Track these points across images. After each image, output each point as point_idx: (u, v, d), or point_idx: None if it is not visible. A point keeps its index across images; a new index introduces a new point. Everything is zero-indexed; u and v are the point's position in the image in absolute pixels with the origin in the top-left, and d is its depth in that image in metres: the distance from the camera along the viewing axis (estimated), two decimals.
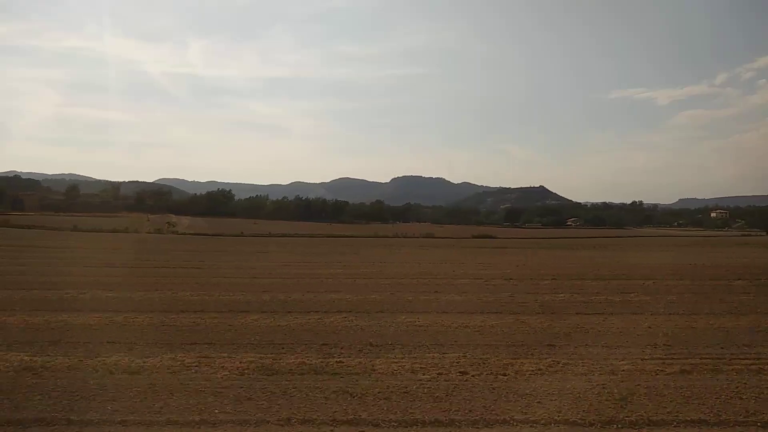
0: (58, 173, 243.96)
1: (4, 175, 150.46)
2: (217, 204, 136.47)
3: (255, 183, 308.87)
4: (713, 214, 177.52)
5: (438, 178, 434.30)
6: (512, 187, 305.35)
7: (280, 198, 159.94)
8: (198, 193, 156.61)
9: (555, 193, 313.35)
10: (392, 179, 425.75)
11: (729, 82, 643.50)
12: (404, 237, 76.10)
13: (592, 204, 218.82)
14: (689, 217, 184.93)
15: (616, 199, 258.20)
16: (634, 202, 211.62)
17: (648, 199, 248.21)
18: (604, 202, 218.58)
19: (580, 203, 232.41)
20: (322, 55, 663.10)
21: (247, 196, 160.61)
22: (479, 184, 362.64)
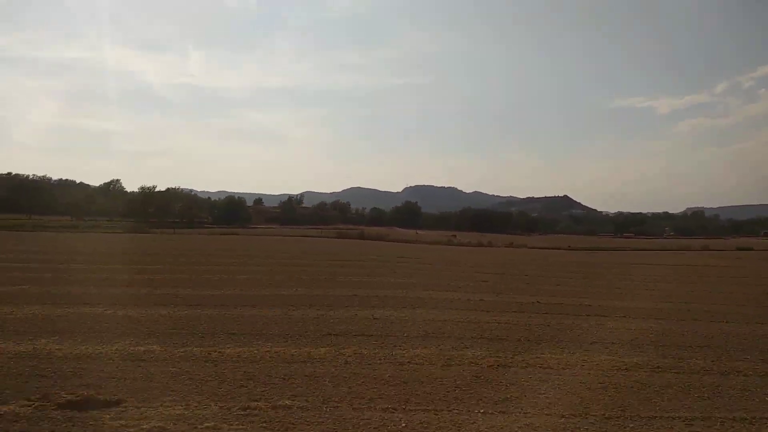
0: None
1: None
2: (286, 212, 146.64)
3: (266, 192, 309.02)
4: None
5: (450, 187, 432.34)
6: (536, 196, 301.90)
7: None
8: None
9: (579, 203, 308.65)
10: (404, 188, 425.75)
11: (729, 91, 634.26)
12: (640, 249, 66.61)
13: (616, 213, 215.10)
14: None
15: (629, 208, 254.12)
16: (695, 212, 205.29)
17: (656, 208, 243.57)
18: (640, 212, 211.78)
19: (600, 212, 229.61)
20: (322, 64, 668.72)
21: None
22: (490, 194, 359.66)
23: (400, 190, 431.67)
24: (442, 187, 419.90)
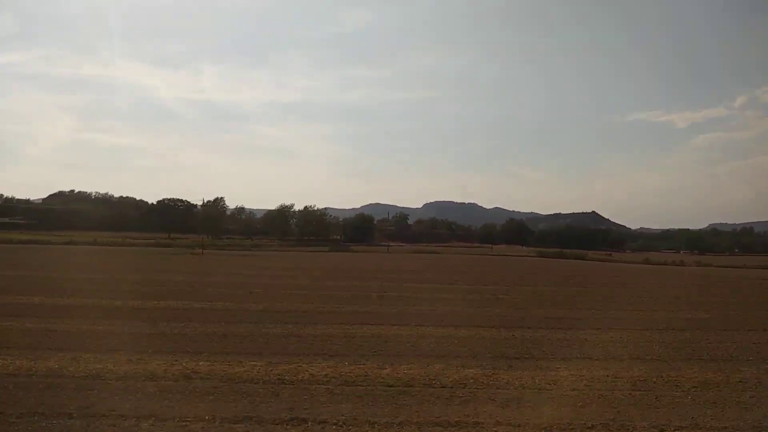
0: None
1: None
2: (401, 229, 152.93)
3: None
4: None
5: (470, 203, 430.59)
6: (564, 212, 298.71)
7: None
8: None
9: (608, 219, 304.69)
10: (424, 204, 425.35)
11: (748, 104, 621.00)
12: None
13: (647, 229, 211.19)
14: None
15: (649, 224, 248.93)
16: (743, 228, 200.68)
17: (677, 224, 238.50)
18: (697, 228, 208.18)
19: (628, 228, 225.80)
20: (335, 79, 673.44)
21: None
22: (511, 209, 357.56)
23: (419, 206, 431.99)
24: (461, 203, 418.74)
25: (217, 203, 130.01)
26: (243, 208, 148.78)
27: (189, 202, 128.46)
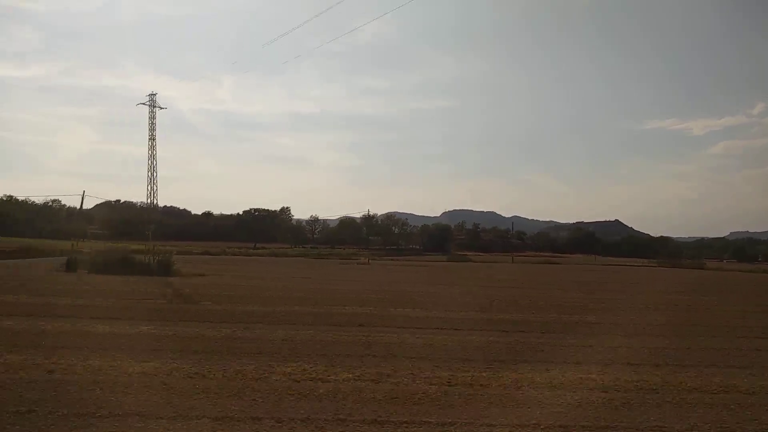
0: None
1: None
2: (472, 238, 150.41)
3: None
4: None
5: (489, 211, 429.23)
6: (586, 221, 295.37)
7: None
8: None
9: (631, 227, 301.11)
10: (443, 213, 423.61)
11: (766, 111, 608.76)
12: None
13: (671, 238, 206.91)
14: None
15: (669, 232, 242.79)
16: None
17: (697, 233, 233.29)
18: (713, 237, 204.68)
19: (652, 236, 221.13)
20: (348, 89, 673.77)
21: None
22: (530, 218, 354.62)
23: (438, 214, 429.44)
24: (480, 211, 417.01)
25: (284, 213, 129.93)
26: (317, 218, 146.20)
27: (271, 211, 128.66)
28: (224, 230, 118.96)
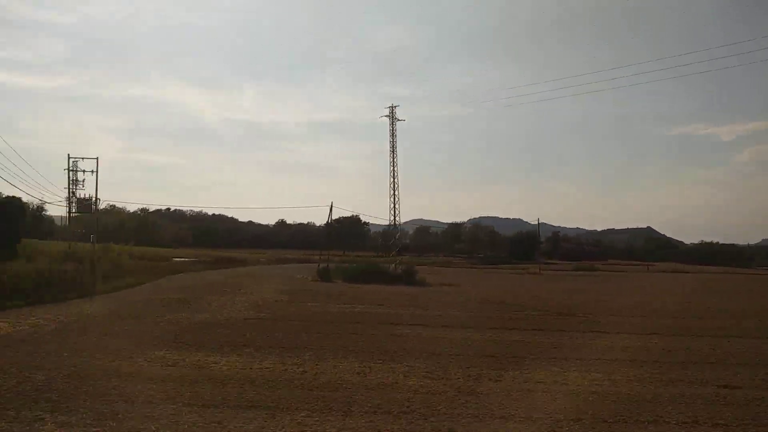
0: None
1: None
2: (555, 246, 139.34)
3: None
4: None
5: (516, 218, 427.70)
6: (617, 228, 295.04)
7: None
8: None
9: (663, 234, 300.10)
10: (469, 219, 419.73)
11: None
12: None
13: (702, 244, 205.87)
14: None
15: (701, 238, 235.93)
16: None
17: (730, 239, 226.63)
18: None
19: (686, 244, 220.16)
20: (370, 97, 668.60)
21: None
22: (556, 225, 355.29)
23: (464, 220, 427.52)
24: (507, 218, 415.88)
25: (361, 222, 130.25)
26: (395, 225, 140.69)
27: (358, 219, 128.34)
28: (299, 237, 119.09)
